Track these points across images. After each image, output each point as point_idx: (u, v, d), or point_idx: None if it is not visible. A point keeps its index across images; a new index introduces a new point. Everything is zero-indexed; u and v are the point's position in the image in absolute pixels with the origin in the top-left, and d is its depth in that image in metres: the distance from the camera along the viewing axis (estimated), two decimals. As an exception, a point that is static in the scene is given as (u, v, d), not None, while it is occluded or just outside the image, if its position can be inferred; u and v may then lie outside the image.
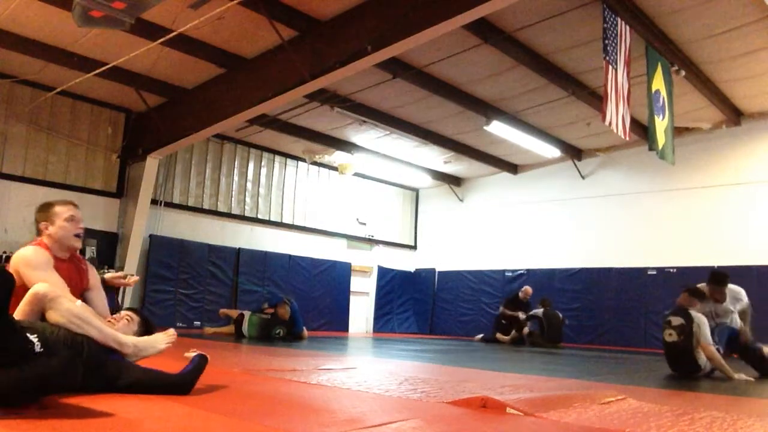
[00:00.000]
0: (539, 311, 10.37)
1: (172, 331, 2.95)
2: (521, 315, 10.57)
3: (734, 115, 9.86)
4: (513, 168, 13.08)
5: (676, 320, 5.07)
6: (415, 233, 15.07)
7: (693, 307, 5.15)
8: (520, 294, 10.98)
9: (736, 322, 5.60)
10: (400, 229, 14.75)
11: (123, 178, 9.83)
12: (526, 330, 10.43)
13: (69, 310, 2.43)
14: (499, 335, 10.72)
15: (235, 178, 11.51)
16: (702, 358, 4.94)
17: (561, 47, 7.62)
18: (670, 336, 5.05)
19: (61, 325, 2.37)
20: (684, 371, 5.02)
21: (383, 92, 8.98)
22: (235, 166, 11.53)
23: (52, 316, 2.39)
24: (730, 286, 5.69)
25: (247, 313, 9.05)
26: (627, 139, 7.06)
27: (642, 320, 10.77)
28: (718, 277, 5.61)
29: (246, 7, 6.32)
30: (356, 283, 13.40)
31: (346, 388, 3.04)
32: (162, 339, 2.85)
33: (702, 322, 5.00)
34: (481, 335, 11.32)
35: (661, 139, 7.43)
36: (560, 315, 10.41)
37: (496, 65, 8.11)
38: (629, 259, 11.09)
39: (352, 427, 1.99)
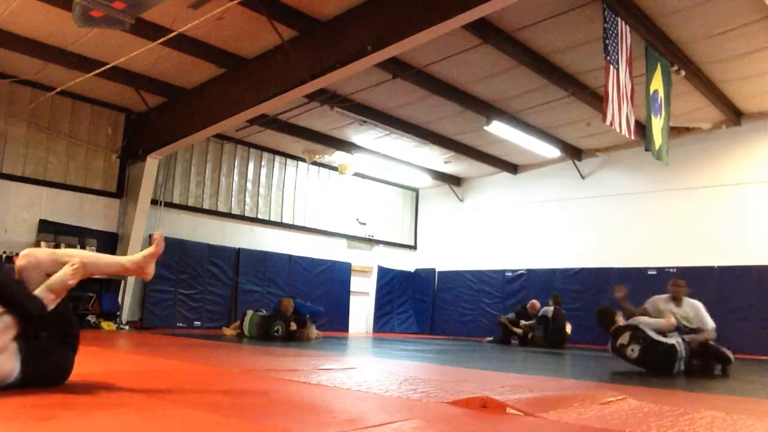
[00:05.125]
0: (549, 309, 10.33)
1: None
2: (523, 324, 10.57)
3: (734, 115, 9.86)
4: (513, 168, 13.08)
5: (624, 337, 5.21)
6: (415, 233, 15.07)
7: (618, 322, 5.44)
8: (528, 307, 10.89)
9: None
10: (400, 229, 14.75)
11: (123, 178, 9.83)
12: (531, 335, 10.43)
13: None
14: (515, 329, 10.68)
15: (235, 178, 11.51)
16: (670, 341, 5.13)
17: (561, 47, 7.62)
18: (633, 351, 5.15)
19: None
20: (666, 367, 5.05)
21: (383, 92, 8.98)
22: (235, 166, 11.53)
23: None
24: (693, 301, 5.82)
25: (249, 312, 9.01)
26: (633, 138, 7.05)
27: (642, 320, 10.75)
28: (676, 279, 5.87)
29: (246, 7, 6.33)
30: (356, 283, 13.40)
31: (346, 388, 3.04)
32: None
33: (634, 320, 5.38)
34: (490, 338, 11.25)
35: (657, 139, 7.44)
36: (564, 314, 10.38)
37: (496, 65, 8.11)
38: (629, 259, 11.08)
39: (352, 427, 1.98)
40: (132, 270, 2.79)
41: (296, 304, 8.90)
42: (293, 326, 8.62)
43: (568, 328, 10.44)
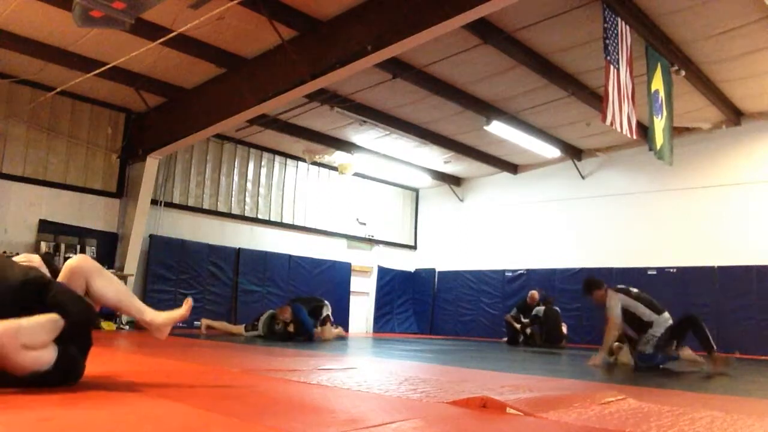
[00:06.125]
0: (540, 309, 10.32)
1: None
2: (522, 322, 10.52)
3: (734, 115, 9.86)
4: (513, 168, 13.08)
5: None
6: (415, 233, 15.07)
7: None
8: (528, 299, 10.84)
9: None
10: (400, 229, 14.75)
11: (123, 178, 9.83)
12: (528, 331, 10.41)
13: None
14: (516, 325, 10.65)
15: (235, 178, 11.52)
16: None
17: (561, 47, 7.62)
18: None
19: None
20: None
21: (383, 92, 8.98)
22: (235, 166, 11.53)
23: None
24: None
25: (268, 312, 9.04)
26: (635, 138, 7.04)
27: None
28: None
29: (246, 7, 6.33)
30: (356, 283, 13.40)
31: (346, 388, 3.04)
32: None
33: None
34: (506, 338, 11.19)
35: (659, 139, 7.43)
36: (558, 313, 10.34)
37: (496, 65, 8.11)
38: (629, 259, 11.09)
39: (352, 427, 1.98)
40: (147, 324, 2.80)
41: (295, 308, 8.84)
42: (291, 328, 8.62)
43: (564, 328, 10.41)
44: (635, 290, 5.79)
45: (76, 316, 2.46)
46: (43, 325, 2.35)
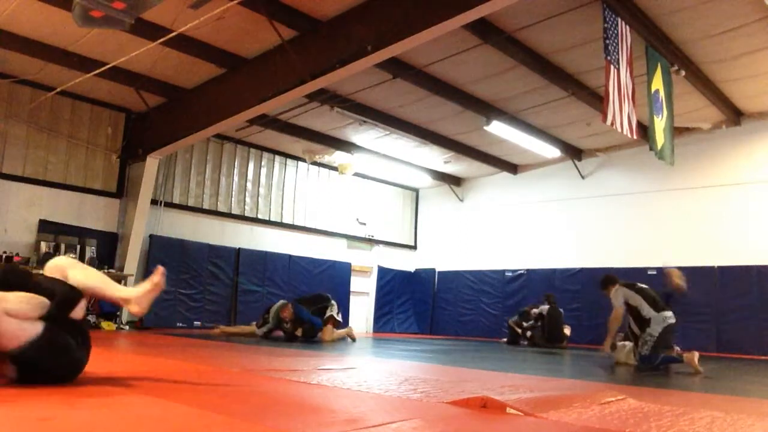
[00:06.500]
0: (545, 308, 10.31)
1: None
2: (523, 327, 10.52)
3: (734, 115, 9.86)
4: (513, 168, 13.08)
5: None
6: (415, 233, 15.07)
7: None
8: (529, 311, 10.81)
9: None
10: (400, 229, 14.75)
11: (123, 178, 9.83)
12: (529, 333, 10.42)
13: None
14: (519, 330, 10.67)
15: (235, 178, 11.52)
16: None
17: (561, 47, 7.62)
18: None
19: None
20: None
21: (383, 92, 8.98)
22: (235, 166, 11.53)
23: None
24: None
25: (280, 302, 9.01)
26: (635, 138, 7.04)
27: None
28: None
29: (246, 7, 6.33)
30: (356, 283, 13.40)
31: (346, 388, 3.04)
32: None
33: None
34: (505, 339, 11.18)
35: (659, 139, 7.43)
36: (561, 313, 10.34)
37: (496, 65, 8.11)
38: (629, 259, 11.08)
39: (352, 427, 1.98)
40: (126, 300, 2.84)
41: (296, 308, 8.82)
42: (299, 332, 8.59)
43: (567, 330, 10.41)
44: (641, 285, 5.89)
45: (60, 293, 2.55)
46: (27, 299, 2.44)
